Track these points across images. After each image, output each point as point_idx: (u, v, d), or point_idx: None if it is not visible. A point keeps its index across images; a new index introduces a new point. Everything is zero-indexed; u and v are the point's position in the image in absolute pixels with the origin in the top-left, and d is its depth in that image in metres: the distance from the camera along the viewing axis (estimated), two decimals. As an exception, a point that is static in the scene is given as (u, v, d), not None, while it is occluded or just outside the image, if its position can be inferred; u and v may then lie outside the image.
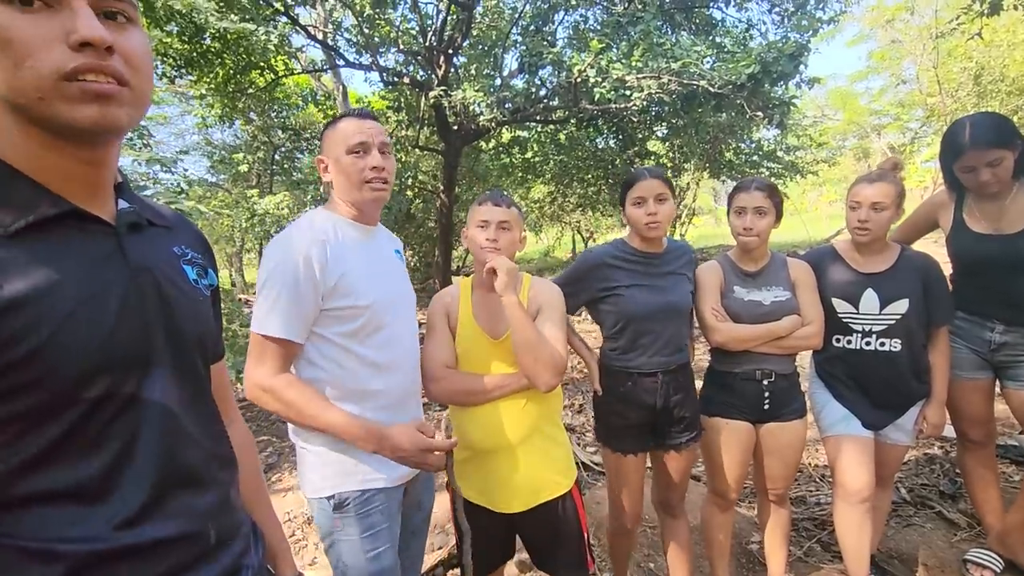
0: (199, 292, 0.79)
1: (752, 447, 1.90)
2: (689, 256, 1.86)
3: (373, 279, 1.33)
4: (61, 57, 0.56)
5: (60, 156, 0.63)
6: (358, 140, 1.33)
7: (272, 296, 1.22)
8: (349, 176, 1.34)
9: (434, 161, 10.02)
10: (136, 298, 0.67)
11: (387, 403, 1.34)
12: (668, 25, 7.13)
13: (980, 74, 12.02)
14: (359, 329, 1.29)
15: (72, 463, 0.61)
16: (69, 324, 0.60)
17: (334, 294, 1.26)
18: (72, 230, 0.63)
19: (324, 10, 7.58)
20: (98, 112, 0.59)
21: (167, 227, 0.78)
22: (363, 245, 1.37)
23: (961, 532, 2.34)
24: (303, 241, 1.25)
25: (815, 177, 13.00)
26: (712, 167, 9.97)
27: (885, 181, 1.78)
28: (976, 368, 2.04)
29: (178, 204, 3.22)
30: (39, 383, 0.58)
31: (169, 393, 0.70)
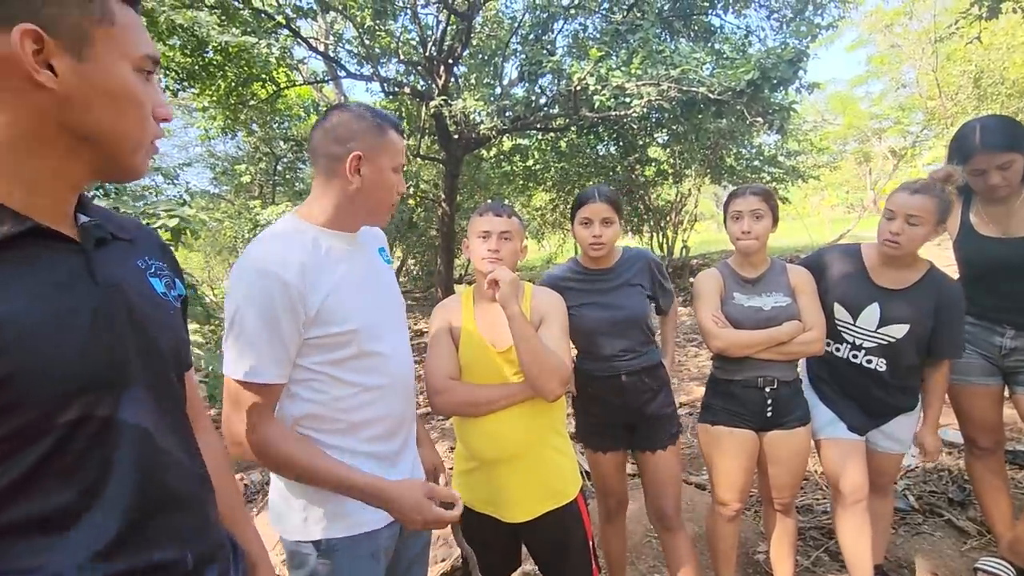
0: (169, 305, 0.77)
1: (756, 455, 1.88)
2: (644, 262, 1.87)
3: (360, 296, 1.18)
4: (155, 125, 0.69)
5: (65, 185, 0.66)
6: (402, 162, 1.21)
7: (246, 333, 1.04)
8: (389, 196, 1.21)
9: (435, 170, 10.06)
10: (107, 317, 0.66)
11: (380, 432, 1.21)
12: (667, 32, 7.17)
13: (980, 77, 12.03)
14: (347, 356, 1.14)
15: (46, 492, 0.60)
16: (40, 348, 0.59)
17: (316, 322, 1.10)
18: (37, 248, 0.62)
19: (325, 22, 7.66)
20: (147, 165, 0.70)
21: (129, 240, 0.77)
22: (347, 256, 1.19)
23: (971, 540, 2.30)
24: (276, 263, 1.06)
25: (817, 181, 12.97)
26: (713, 173, 9.96)
27: (928, 194, 1.67)
28: (986, 374, 2.02)
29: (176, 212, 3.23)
30: (11, 410, 0.57)
31: (145, 413, 0.68)
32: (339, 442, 1.15)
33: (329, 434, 1.15)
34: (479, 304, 1.58)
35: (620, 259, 1.87)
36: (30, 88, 0.58)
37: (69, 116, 0.61)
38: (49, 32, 0.58)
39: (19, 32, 0.56)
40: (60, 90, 0.59)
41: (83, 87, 0.61)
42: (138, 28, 0.66)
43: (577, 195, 1.86)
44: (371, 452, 1.19)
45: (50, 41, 0.58)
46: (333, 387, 1.14)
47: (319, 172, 1.18)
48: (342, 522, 1.16)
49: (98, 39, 0.61)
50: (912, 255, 1.78)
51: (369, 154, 1.15)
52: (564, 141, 9.34)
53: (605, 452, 1.88)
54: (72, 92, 0.60)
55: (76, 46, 0.60)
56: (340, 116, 1.16)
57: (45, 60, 0.58)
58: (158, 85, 0.70)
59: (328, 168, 1.15)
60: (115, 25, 0.63)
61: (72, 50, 0.60)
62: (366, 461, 1.17)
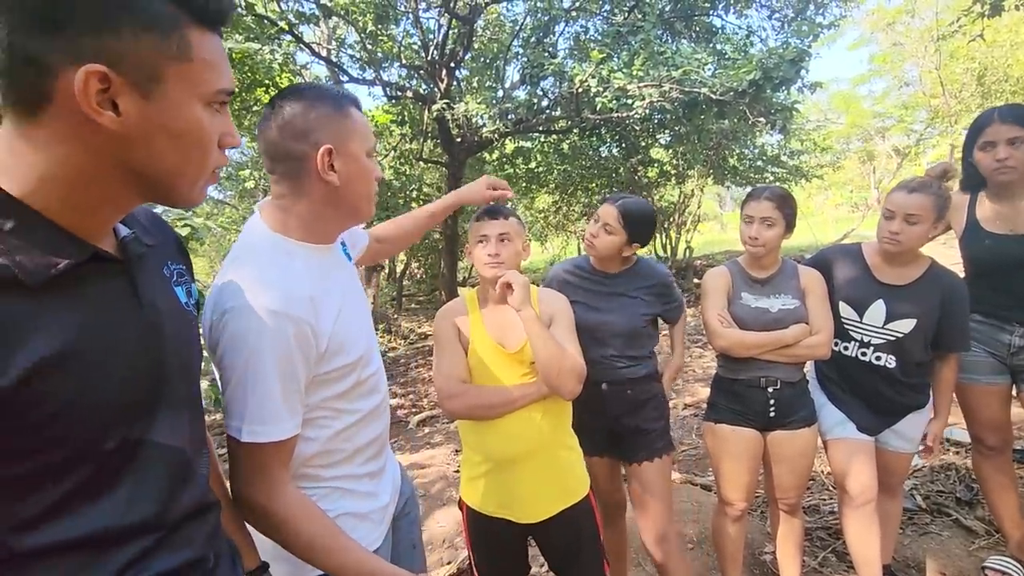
0: (191, 316, 0.77)
1: (760, 455, 1.87)
2: (655, 281, 1.83)
3: (352, 315, 1.07)
4: (219, 155, 0.66)
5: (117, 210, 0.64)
6: (373, 142, 1.06)
7: (261, 387, 0.90)
8: (367, 184, 1.05)
9: (438, 173, 10.08)
10: (150, 340, 0.65)
11: (375, 451, 1.16)
12: (668, 34, 7.18)
13: (984, 74, 11.98)
14: (351, 387, 1.06)
15: (83, 512, 0.59)
16: (94, 378, 0.58)
17: (326, 357, 0.98)
18: (91, 274, 0.60)
19: (328, 28, 7.70)
20: (204, 194, 0.67)
21: (155, 244, 0.74)
22: (329, 270, 1.07)
23: (979, 540, 2.29)
24: (288, 303, 0.92)
25: (820, 181, 12.94)
26: (716, 173, 9.97)
27: (925, 192, 1.69)
28: (994, 372, 2.01)
29: (187, 221, 3.25)
30: (63, 440, 0.56)
31: (177, 430, 0.69)
32: (340, 472, 1.09)
33: (331, 467, 1.08)
34: (485, 307, 1.58)
35: (629, 269, 1.85)
36: (91, 126, 0.55)
37: (128, 153, 0.58)
38: (117, 70, 0.54)
39: (84, 73, 0.52)
40: (122, 130, 0.56)
41: (146, 127, 0.58)
42: (216, 62, 0.62)
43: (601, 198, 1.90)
44: (366, 472, 1.14)
45: (117, 79, 0.54)
46: (335, 420, 1.05)
47: (282, 178, 1.00)
48: None
49: (170, 77, 0.58)
50: (913, 252, 1.79)
51: (339, 144, 0.98)
52: (566, 143, 9.34)
53: (593, 457, 1.85)
54: (134, 131, 0.57)
55: (145, 85, 0.56)
56: (293, 106, 0.97)
57: (110, 98, 0.55)
58: (228, 112, 0.66)
59: (293, 171, 0.98)
60: (192, 61, 0.59)
61: (140, 89, 0.56)
62: (362, 482, 1.13)
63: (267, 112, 1.00)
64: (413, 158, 8.97)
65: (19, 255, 0.54)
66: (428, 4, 6.93)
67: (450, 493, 3.10)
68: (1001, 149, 1.83)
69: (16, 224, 0.55)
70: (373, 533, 1.15)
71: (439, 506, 2.99)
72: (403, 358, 7.27)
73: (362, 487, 1.13)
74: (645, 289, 1.82)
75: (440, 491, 3.16)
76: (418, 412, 5.00)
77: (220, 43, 0.63)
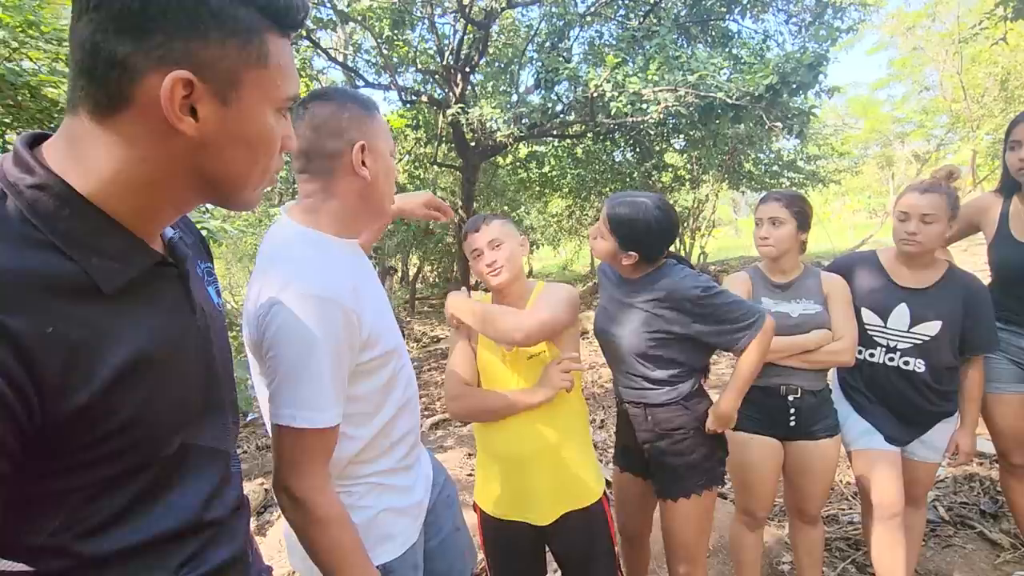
0: (223, 316, 0.77)
1: (780, 464, 1.84)
2: (663, 294, 1.55)
3: (384, 309, 1.11)
4: (278, 159, 0.66)
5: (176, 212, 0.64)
6: (393, 144, 1.11)
7: (313, 373, 0.91)
8: (390, 183, 1.09)
9: (452, 177, 10.12)
10: (204, 344, 0.66)
11: (409, 447, 1.17)
12: (684, 38, 7.15)
13: (1007, 79, 11.78)
14: (390, 377, 1.08)
15: (144, 516, 0.59)
16: (164, 384, 0.58)
17: (366, 346, 1.00)
18: (156, 279, 0.60)
19: (344, 33, 7.78)
20: (260, 196, 0.67)
21: (190, 245, 0.74)
22: (363, 267, 1.12)
23: (1004, 553, 2.23)
24: (334, 289, 0.95)
25: (838, 186, 12.78)
26: (731, 178, 9.90)
27: (937, 192, 1.70)
28: (1016, 380, 1.96)
29: (204, 224, 3.30)
30: (134, 447, 0.57)
31: (221, 432, 0.70)
32: (378, 467, 1.10)
33: (370, 463, 1.09)
34: None
35: (646, 276, 1.61)
36: (169, 131, 0.55)
37: (201, 158, 0.58)
38: (202, 76, 0.54)
39: (172, 80, 0.52)
40: (198, 136, 0.56)
41: (221, 133, 0.58)
42: (288, 67, 0.62)
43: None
44: (403, 466, 1.16)
45: (200, 86, 0.54)
46: (375, 416, 1.07)
47: (315, 176, 1.04)
48: (393, 543, 1.12)
49: (247, 83, 0.57)
50: (931, 254, 1.77)
51: (370, 141, 1.04)
52: (580, 148, 9.33)
53: (622, 470, 1.83)
54: (209, 138, 0.57)
55: (224, 90, 0.56)
56: (324, 108, 1.03)
57: (190, 104, 0.55)
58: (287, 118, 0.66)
59: (327, 168, 1.03)
60: (268, 68, 0.59)
61: (219, 95, 0.56)
62: (399, 475, 1.15)
63: (300, 112, 1.03)
64: (427, 162, 9.03)
65: (93, 260, 0.53)
66: (444, 9, 6.98)
67: (464, 497, 3.08)
68: None
69: (87, 227, 0.54)
70: (412, 528, 1.17)
71: (451, 510, 2.98)
72: (416, 361, 7.30)
73: (399, 481, 1.14)
74: (654, 302, 1.57)
75: (452, 503, 3.15)
76: (431, 415, 5.00)
77: (291, 49, 0.63)
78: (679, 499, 1.61)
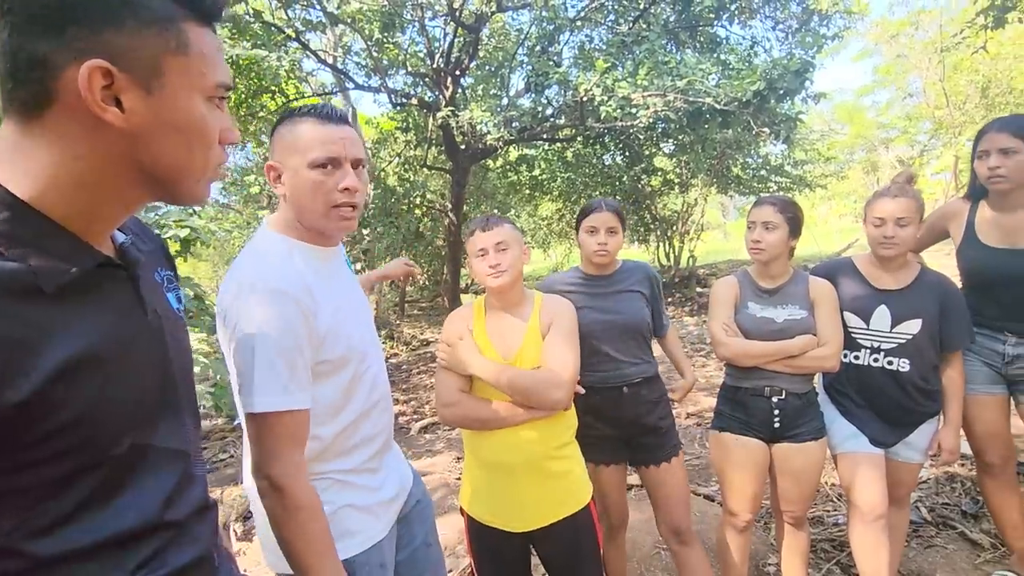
0: (183, 322, 0.77)
1: (766, 466, 1.86)
2: (644, 274, 1.92)
3: (351, 313, 1.14)
4: (220, 151, 0.66)
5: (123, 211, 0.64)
6: (327, 155, 1.04)
7: (270, 359, 0.95)
8: (312, 198, 1.05)
9: (442, 180, 10.12)
10: (156, 345, 0.66)
11: (378, 446, 1.21)
12: (673, 44, 7.21)
13: (987, 87, 12.01)
14: (351, 380, 1.11)
15: (96, 517, 0.59)
16: (110, 383, 0.58)
17: (324, 345, 1.04)
18: (101, 280, 0.61)
19: (334, 35, 7.77)
20: (209, 190, 0.68)
21: (146, 251, 0.75)
22: (330, 274, 1.14)
23: (985, 553, 2.27)
24: (288, 282, 1.00)
25: (824, 191, 12.94)
26: (720, 182, 9.97)
27: (906, 196, 1.77)
28: (990, 382, 2.01)
29: (187, 223, 3.26)
30: (81, 446, 0.57)
31: (182, 435, 0.70)
32: (338, 466, 1.13)
33: (330, 461, 1.12)
34: (490, 314, 1.59)
35: (620, 268, 1.92)
36: (97, 124, 0.55)
37: (134, 150, 0.58)
38: (120, 66, 0.54)
39: (88, 69, 0.52)
40: (127, 127, 0.56)
41: (150, 122, 0.58)
42: (213, 55, 0.62)
43: (583, 205, 1.91)
44: (367, 468, 1.19)
45: (120, 76, 0.54)
46: (336, 416, 1.10)
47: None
48: (353, 540, 1.14)
49: (170, 70, 0.58)
50: (904, 255, 1.84)
51: (280, 157, 1.07)
52: (570, 151, 9.38)
53: (607, 465, 1.87)
54: (139, 127, 0.57)
55: (147, 80, 0.57)
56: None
57: (113, 95, 0.55)
58: (226, 107, 0.68)
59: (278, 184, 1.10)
60: (189, 55, 0.59)
61: (142, 83, 0.56)
62: (362, 476, 1.18)
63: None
64: (417, 165, 9.02)
65: (32, 261, 0.54)
66: (434, 13, 6.98)
67: (451, 501, 3.09)
68: (993, 158, 1.85)
69: (27, 229, 0.54)
70: (376, 525, 1.19)
71: (440, 514, 2.98)
72: (405, 364, 7.27)
73: (361, 480, 1.18)
74: (637, 282, 1.90)
75: (442, 498, 3.15)
76: (420, 419, 4.98)
77: (216, 38, 0.64)
78: (671, 460, 1.84)
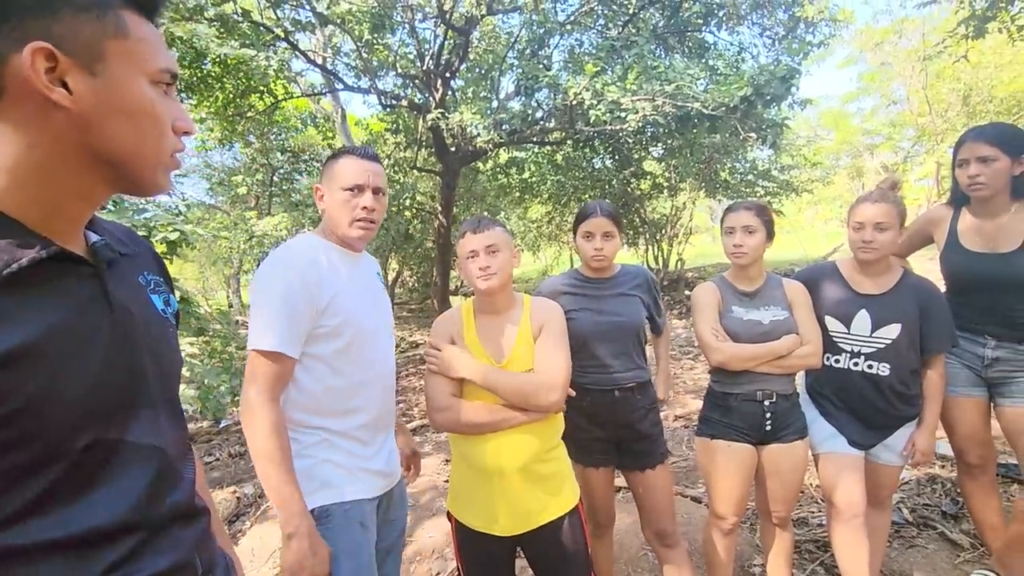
0: (168, 323, 0.78)
1: (753, 469, 1.88)
2: (643, 279, 1.95)
3: (359, 300, 1.41)
4: (175, 139, 0.68)
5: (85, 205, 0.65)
6: (354, 181, 1.40)
7: (267, 312, 1.26)
8: (341, 212, 1.41)
9: (432, 182, 10.11)
10: (123, 341, 0.66)
11: (368, 420, 1.41)
12: (662, 49, 7.28)
13: (969, 95, 12.25)
14: (347, 346, 1.35)
15: (59, 514, 0.59)
16: (60, 376, 0.58)
17: (325, 313, 1.32)
18: (57, 272, 0.61)
19: (323, 36, 7.74)
20: (169, 180, 0.69)
21: (130, 255, 0.76)
22: (350, 270, 1.44)
23: (964, 553, 2.31)
24: (298, 259, 1.33)
25: (810, 195, 13.11)
26: (708, 186, 10.07)
27: (887, 201, 1.79)
28: (970, 384, 2.04)
29: (177, 226, 3.23)
30: (29, 438, 0.56)
31: (156, 432, 0.69)
32: (327, 424, 1.35)
33: (320, 416, 1.35)
34: (480, 317, 1.58)
35: (619, 272, 1.93)
36: (46, 108, 0.57)
37: (87, 135, 0.60)
38: (62, 49, 0.56)
39: (30, 51, 0.55)
40: (76, 109, 0.58)
41: (99, 104, 0.60)
42: (155, 41, 0.65)
43: (579, 209, 1.92)
44: (359, 437, 1.39)
45: (63, 59, 0.57)
46: (330, 376, 1.34)
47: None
48: (331, 491, 1.32)
49: (111, 54, 0.60)
50: (886, 260, 1.85)
51: (325, 182, 1.44)
52: (560, 154, 9.42)
53: (597, 468, 1.88)
54: (88, 110, 0.59)
55: (89, 62, 0.59)
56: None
57: (59, 78, 0.57)
58: (177, 98, 0.69)
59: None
60: (129, 39, 0.61)
61: (86, 66, 0.58)
62: (352, 442, 1.38)
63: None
64: (407, 166, 9.00)
65: None
66: (424, 15, 6.98)
67: (440, 503, 3.08)
68: (972, 166, 1.89)
69: None
70: (357, 485, 1.36)
71: (428, 516, 2.96)
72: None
73: (351, 446, 1.38)
74: (636, 286, 1.92)
75: (430, 501, 3.14)
76: (408, 421, 4.97)
77: (156, 29, 0.66)
78: (656, 467, 1.86)
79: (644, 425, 1.85)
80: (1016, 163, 1.85)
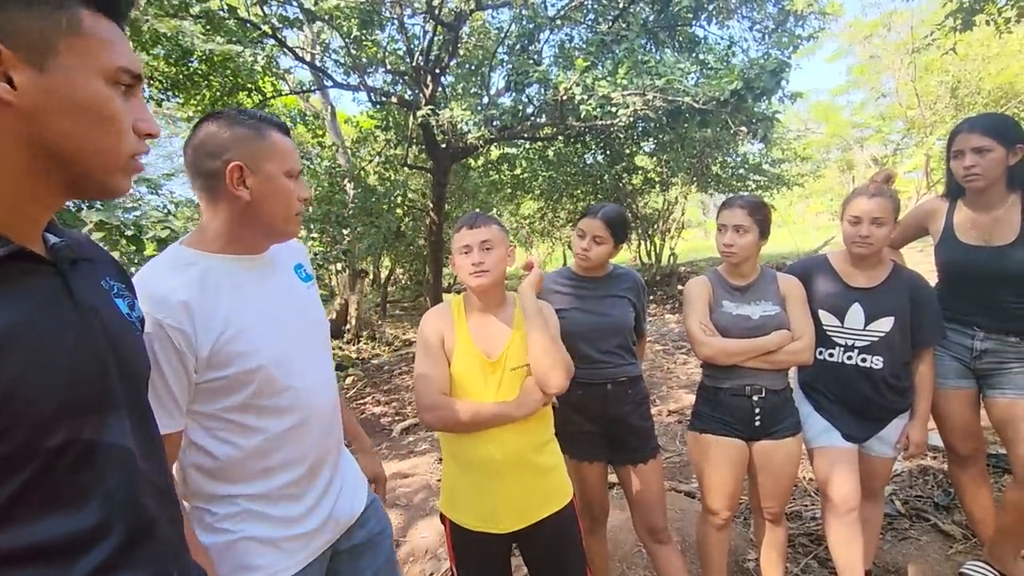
0: (135, 326, 0.77)
1: (745, 464, 1.88)
2: (632, 282, 1.98)
3: (265, 327, 1.07)
4: (137, 141, 0.66)
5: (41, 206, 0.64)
6: (296, 166, 1.11)
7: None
8: (287, 205, 1.10)
9: (423, 179, 10.06)
10: (88, 339, 0.65)
11: (298, 474, 1.12)
12: (652, 43, 7.25)
13: (957, 87, 12.31)
14: (253, 396, 1.04)
15: (31, 520, 0.57)
16: (27, 373, 0.57)
17: (209, 366, 1.00)
18: (17, 270, 0.60)
19: (311, 32, 7.65)
20: (129, 183, 0.67)
21: (91, 259, 0.75)
22: (247, 284, 1.09)
23: (957, 544, 2.32)
24: (154, 307, 0.96)
25: (801, 189, 13.16)
26: (700, 181, 10.08)
27: (883, 196, 1.80)
28: (959, 376, 2.05)
29: (168, 224, 3.18)
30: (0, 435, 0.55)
31: (128, 435, 0.67)
32: (247, 490, 1.06)
33: (236, 484, 1.06)
34: (471, 314, 1.56)
35: (611, 273, 1.96)
36: None
37: (35, 132, 0.58)
38: (7, 44, 0.55)
39: None
40: (21, 104, 0.57)
41: (46, 100, 0.58)
42: (114, 40, 0.63)
43: (583, 208, 1.96)
44: (285, 494, 1.11)
45: (7, 53, 0.55)
46: (242, 435, 1.04)
47: (201, 194, 1.07)
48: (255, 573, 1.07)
49: (63, 49, 0.59)
50: (879, 254, 1.86)
51: (250, 162, 1.04)
52: (551, 150, 9.38)
53: (591, 462, 1.88)
54: (34, 105, 0.58)
55: (38, 57, 0.57)
56: (209, 127, 1.05)
57: (4, 72, 0.56)
58: (142, 99, 0.67)
59: (209, 187, 1.05)
60: (83, 36, 0.60)
61: (33, 61, 0.57)
62: (278, 504, 1.10)
63: (190, 133, 1.08)
64: (398, 164, 8.94)
65: None
66: (413, 10, 6.92)
67: (433, 503, 3.06)
68: (967, 157, 1.88)
69: None
70: (284, 561, 1.09)
71: (422, 516, 2.95)
72: (387, 365, 7.21)
73: (276, 511, 1.09)
74: (627, 289, 1.95)
75: (423, 500, 3.12)
76: (402, 420, 4.95)
77: (115, 27, 0.64)
78: (649, 461, 1.87)
79: (635, 419, 1.87)
80: (1011, 153, 1.85)
